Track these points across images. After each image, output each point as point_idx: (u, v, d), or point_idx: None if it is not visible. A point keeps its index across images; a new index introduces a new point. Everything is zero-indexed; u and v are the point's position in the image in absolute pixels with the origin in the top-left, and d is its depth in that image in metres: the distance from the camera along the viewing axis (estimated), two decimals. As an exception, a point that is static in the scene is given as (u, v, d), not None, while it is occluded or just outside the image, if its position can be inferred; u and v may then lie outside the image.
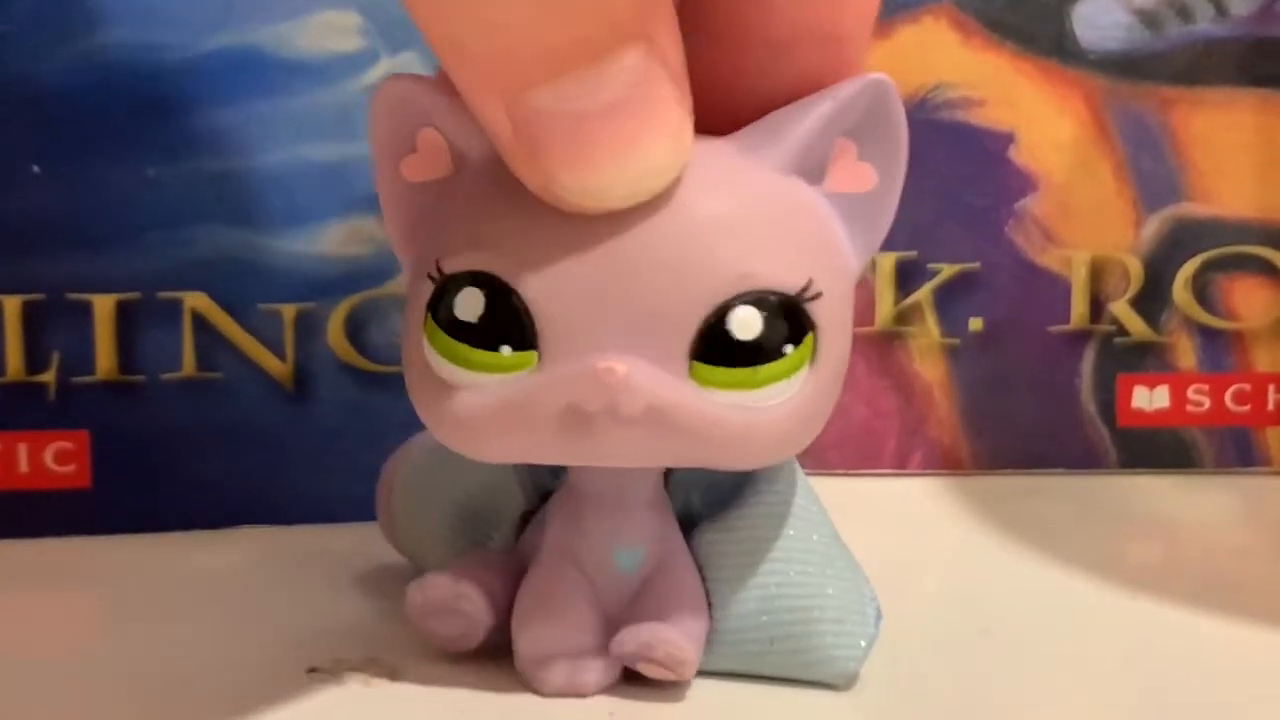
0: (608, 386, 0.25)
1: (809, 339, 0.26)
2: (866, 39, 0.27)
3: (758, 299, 0.26)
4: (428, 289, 0.26)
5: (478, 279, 0.26)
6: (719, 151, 0.26)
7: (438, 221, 0.27)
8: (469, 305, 0.26)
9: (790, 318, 0.26)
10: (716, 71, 0.26)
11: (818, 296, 0.26)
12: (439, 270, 0.26)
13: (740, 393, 0.26)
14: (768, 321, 0.26)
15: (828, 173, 0.27)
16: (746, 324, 0.26)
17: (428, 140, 0.27)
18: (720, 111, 0.26)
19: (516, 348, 0.26)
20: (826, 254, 0.27)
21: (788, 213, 0.26)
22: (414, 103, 0.27)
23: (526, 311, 0.26)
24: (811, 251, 0.26)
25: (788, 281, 0.26)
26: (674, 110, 0.25)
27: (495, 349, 0.26)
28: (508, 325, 0.26)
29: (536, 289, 0.25)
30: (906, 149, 0.27)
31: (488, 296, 0.26)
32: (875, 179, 0.27)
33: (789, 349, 0.26)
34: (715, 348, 0.26)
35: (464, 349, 0.26)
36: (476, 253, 0.26)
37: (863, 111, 0.26)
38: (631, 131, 0.24)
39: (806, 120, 0.26)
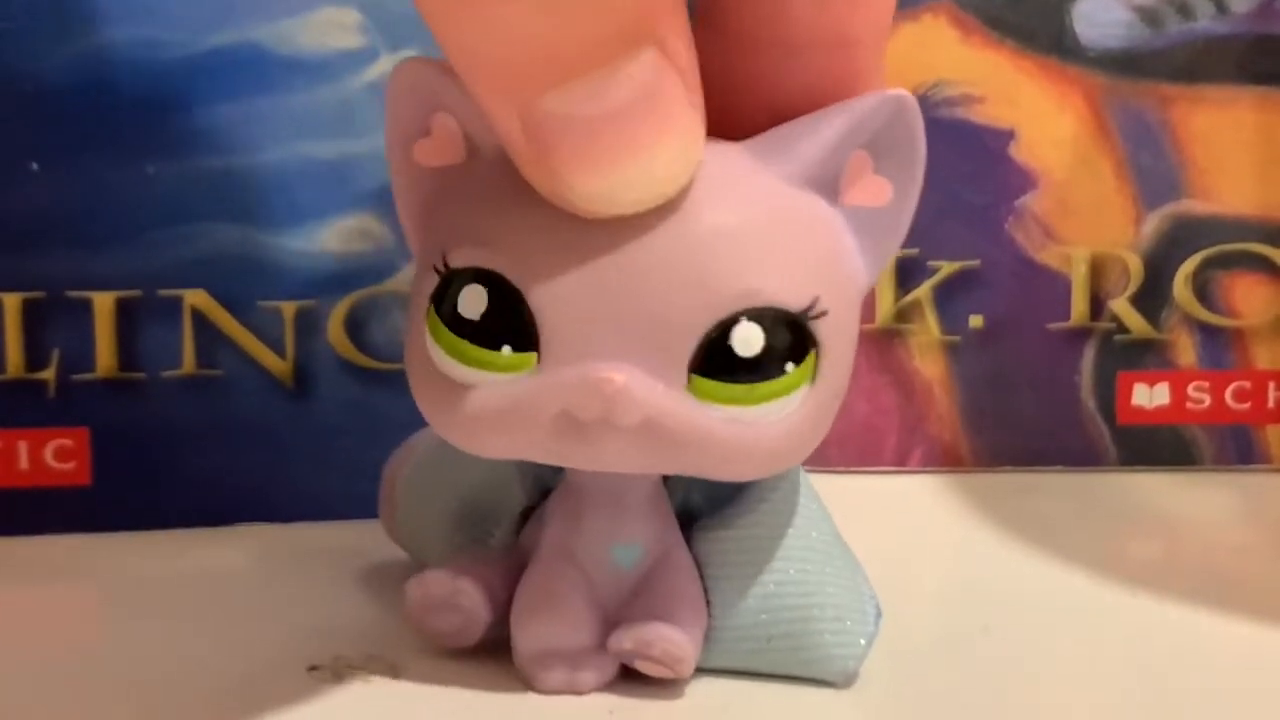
0: (604, 396, 0.25)
1: (811, 357, 0.26)
2: (881, 44, 0.27)
3: (761, 316, 0.25)
4: (433, 281, 0.26)
5: (482, 276, 0.26)
6: (732, 160, 0.26)
7: (447, 211, 0.27)
8: (472, 303, 0.26)
9: (793, 336, 0.26)
10: (730, 74, 0.26)
11: (823, 315, 0.26)
12: (445, 264, 0.26)
13: (738, 408, 0.26)
14: (770, 339, 0.25)
15: (842, 185, 0.27)
16: (748, 340, 0.25)
17: (442, 125, 0.27)
18: (734, 114, 0.26)
19: (517, 348, 0.26)
20: (835, 270, 0.26)
21: (798, 227, 0.26)
22: (430, 86, 0.27)
23: (529, 313, 0.25)
24: (820, 268, 0.26)
25: (793, 299, 0.26)
26: (685, 113, 0.25)
27: (496, 348, 0.26)
28: (509, 325, 0.26)
29: (540, 291, 0.25)
30: (923, 165, 0.27)
31: (491, 295, 0.26)
32: (890, 194, 0.27)
33: (790, 367, 0.26)
34: (715, 362, 0.25)
35: (464, 345, 0.26)
36: (483, 249, 0.26)
37: (881, 125, 0.26)
38: (642, 135, 0.24)
39: (823, 132, 0.26)
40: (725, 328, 0.25)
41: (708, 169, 0.25)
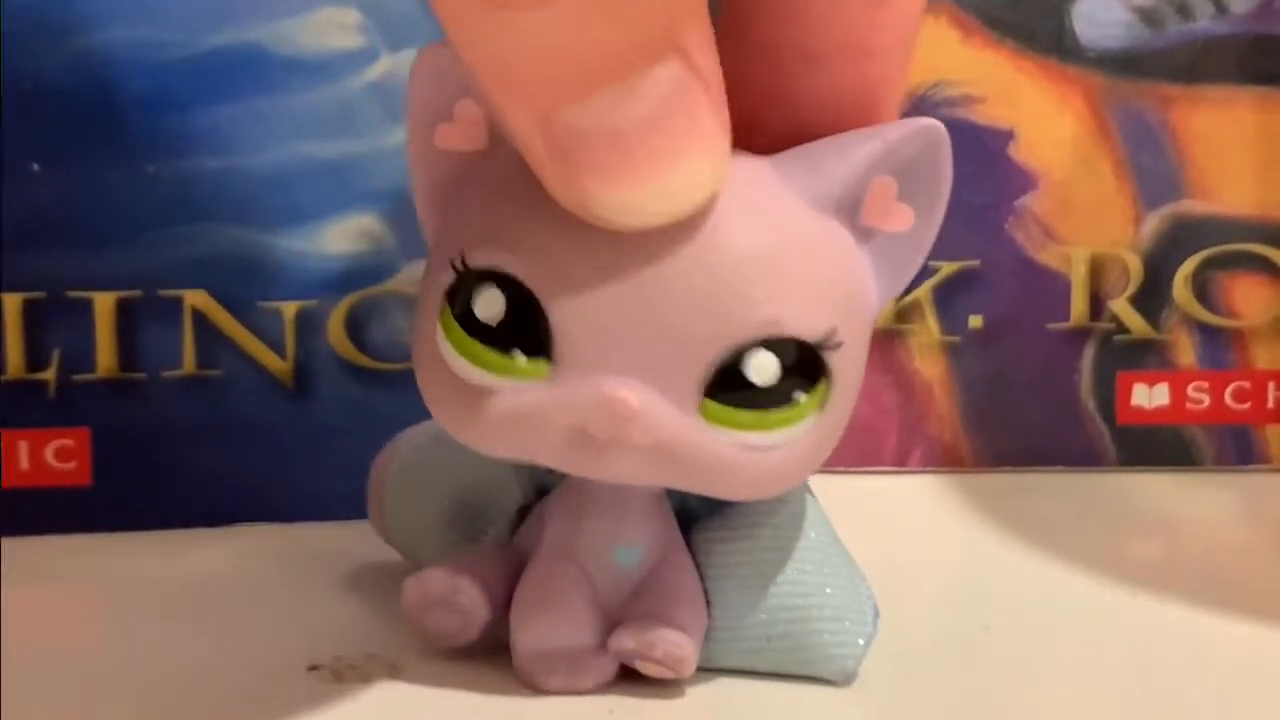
0: (617, 416, 0.25)
1: (822, 387, 0.26)
2: (903, 55, 0.26)
3: (778, 345, 0.25)
4: (449, 277, 0.26)
5: (501, 280, 0.25)
6: (760, 179, 0.26)
7: (469, 203, 0.27)
8: (488, 305, 0.26)
9: (807, 366, 0.26)
10: (751, 83, 0.26)
11: (839, 345, 0.26)
12: (463, 261, 0.26)
13: (748, 434, 0.26)
14: (785, 369, 0.25)
15: (864, 210, 0.26)
16: (763, 369, 0.25)
17: (465, 111, 0.27)
18: (755, 124, 0.26)
19: (530, 355, 0.25)
20: (852, 299, 0.26)
21: (821, 255, 0.26)
22: (456, 72, 0.26)
23: (545, 321, 0.25)
24: (838, 298, 0.26)
25: (811, 330, 0.25)
26: (710, 124, 0.24)
27: (508, 353, 0.26)
28: (525, 331, 0.25)
29: (558, 300, 0.25)
30: (947, 198, 0.27)
31: (508, 300, 0.25)
32: (912, 221, 0.27)
33: (801, 397, 0.26)
34: (728, 387, 0.25)
35: (477, 346, 0.26)
36: (503, 252, 0.26)
37: (911, 156, 0.26)
38: (666, 147, 0.24)
39: (852, 158, 0.26)
40: (741, 354, 0.25)
41: (735, 188, 0.25)
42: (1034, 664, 0.30)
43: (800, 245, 0.26)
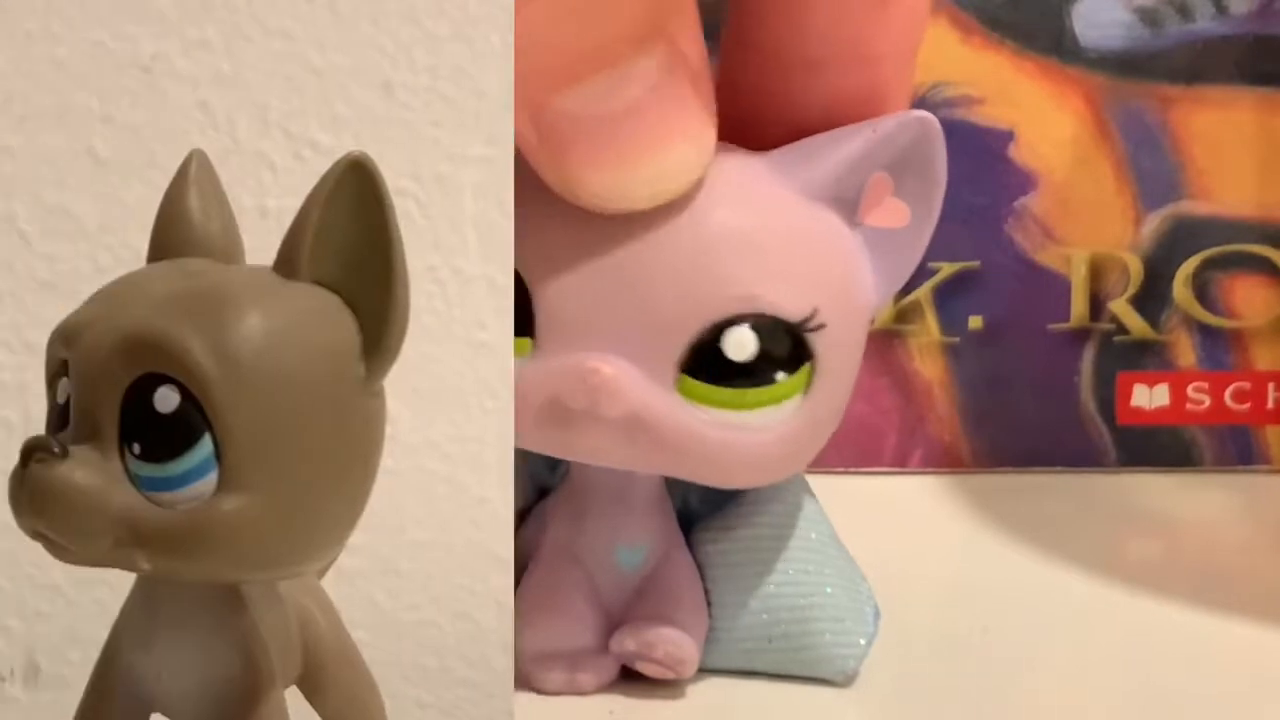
0: (591, 386, 0.25)
1: (805, 369, 0.26)
2: (906, 62, 0.27)
3: (756, 322, 0.26)
4: None
5: None
6: (747, 167, 0.26)
7: None
8: None
9: (788, 345, 0.26)
10: (756, 88, 0.27)
11: (821, 327, 0.26)
12: None
13: (725, 412, 0.26)
14: (763, 346, 0.26)
15: (862, 205, 0.27)
16: (740, 345, 0.26)
17: None
18: (758, 127, 0.26)
19: (516, 335, 0.26)
20: (840, 285, 0.26)
21: (804, 239, 0.26)
22: None
23: (527, 298, 0.26)
24: (824, 282, 0.26)
25: (791, 308, 0.26)
26: (695, 111, 0.25)
27: None
28: None
29: (540, 278, 0.26)
30: (943, 189, 0.27)
31: None
32: (909, 216, 0.27)
33: (781, 376, 0.26)
34: (706, 364, 0.26)
35: None
36: None
37: (903, 148, 0.26)
38: (653, 133, 0.24)
39: (842, 149, 0.26)
40: (719, 330, 0.25)
41: (722, 175, 0.26)
42: (1034, 664, 0.30)
43: (784, 229, 0.26)
